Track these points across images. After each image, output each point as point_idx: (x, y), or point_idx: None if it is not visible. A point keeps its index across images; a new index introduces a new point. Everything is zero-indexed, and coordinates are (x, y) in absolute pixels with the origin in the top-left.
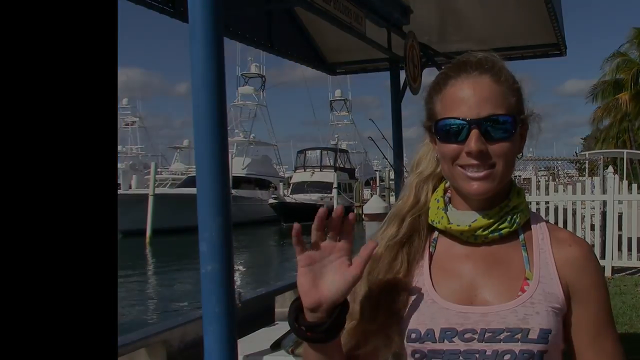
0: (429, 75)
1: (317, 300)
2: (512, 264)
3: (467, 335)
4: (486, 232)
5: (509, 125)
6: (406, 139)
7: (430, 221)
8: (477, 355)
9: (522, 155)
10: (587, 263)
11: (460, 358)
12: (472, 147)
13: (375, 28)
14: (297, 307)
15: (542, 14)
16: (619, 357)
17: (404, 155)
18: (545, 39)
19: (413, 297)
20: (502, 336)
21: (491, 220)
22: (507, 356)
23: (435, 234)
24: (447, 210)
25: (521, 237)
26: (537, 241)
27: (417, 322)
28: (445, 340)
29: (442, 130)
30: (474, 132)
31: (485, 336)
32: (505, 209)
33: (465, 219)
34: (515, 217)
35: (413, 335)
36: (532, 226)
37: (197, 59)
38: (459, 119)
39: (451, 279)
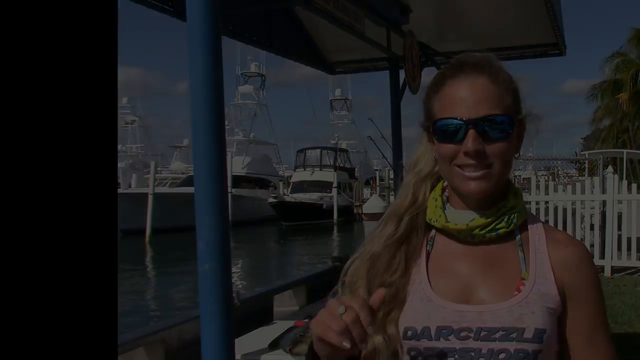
0: (428, 75)
1: (334, 351)
2: (509, 263)
3: (462, 334)
4: (483, 231)
5: (505, 125)
6: (405, 138)
7: (428, 219)
8: (473, 354)
9: (519, 155)
10: (583, 264)
11: (456, 356)
12: (469, 147)
13: (374, 27)
14: (313, 356)
15: (542, 14)
16: (612, 358)
17: (404, 154)
18: (545, 38)
19: (410, 295)
20: (497, 335)
21: (488, 220)
22: (502, 355)
23: (433, 232)
24: (445, 209)
25: (518, 237)
26: (533, 242)
27: (414, 319)
28: (441, 338)
29: (440, 131)
30: (471, 132)
31: (481, 335)
32: (502, 209)
33: (463, 218)
34: (512, 217)
35: (409, 333)
36: (529, 227)
37: (195, 58)
38: (456, 119)
39: (448, 277)
